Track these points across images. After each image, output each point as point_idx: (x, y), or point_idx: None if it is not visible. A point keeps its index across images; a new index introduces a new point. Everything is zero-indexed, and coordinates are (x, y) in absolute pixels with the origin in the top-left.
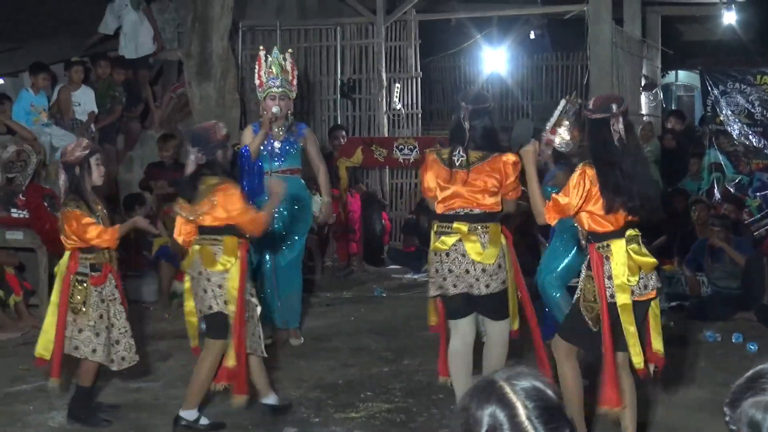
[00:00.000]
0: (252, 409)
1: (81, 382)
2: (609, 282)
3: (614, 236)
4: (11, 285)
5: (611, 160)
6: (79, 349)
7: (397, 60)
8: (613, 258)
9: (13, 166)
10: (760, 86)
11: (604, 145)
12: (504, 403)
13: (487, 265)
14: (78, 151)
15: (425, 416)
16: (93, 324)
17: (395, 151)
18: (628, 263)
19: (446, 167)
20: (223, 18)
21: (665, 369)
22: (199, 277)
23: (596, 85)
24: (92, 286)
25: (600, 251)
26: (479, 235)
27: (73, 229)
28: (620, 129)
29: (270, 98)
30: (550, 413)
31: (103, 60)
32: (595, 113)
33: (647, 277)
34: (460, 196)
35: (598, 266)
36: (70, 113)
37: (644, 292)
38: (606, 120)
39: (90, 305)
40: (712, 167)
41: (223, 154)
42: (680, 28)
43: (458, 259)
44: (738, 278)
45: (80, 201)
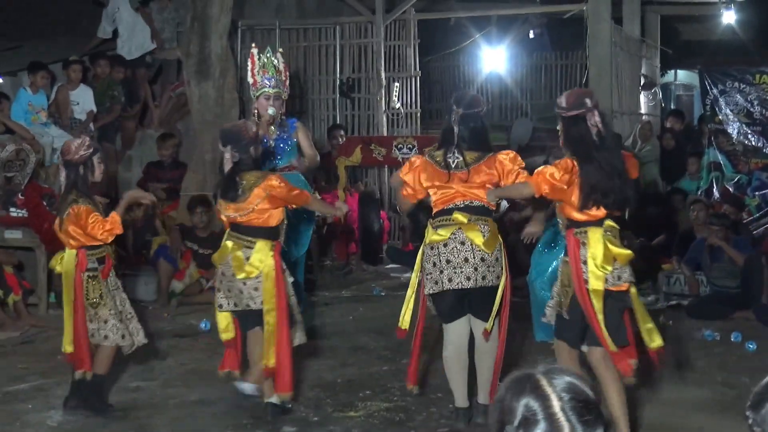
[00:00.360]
0: (251, 408)
1: (98, 370)
2: (585, 267)
3: (593, 224)
4: (10, 284)
5: (590, 155)
6: (109, 338)
7: (396, 59)
8: (589, 243)
9: (12, 165)
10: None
11: (581, 141)
12: (539, 395)
13: (486, 254)
14: (82, 150)
15: (424, 415)
16: (114, 312)
17: (394, 150)
18: (604, 251)
19: (442, 169)
20: (222, 17)
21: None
22: (234, 278)
23: (595, 84)
24: (102, 280)
25: (577, 236)
26: (480, 225)
27: (81, 225)
28: (597, 122)
29: (264, 98)
30: (584, 407)
31: (102, 59)
32: (569, 111)
33: (621, 269)
34: (459, 192)
35: (575, 250)
36: (69, 112)
37: (617, 283)
38: (581, 116)
39: (106, 296)
40: (711, 166)
41: (255, 151)
42: (679, 28)
43: (457, 248)
44: (737, 277)
45: (87, 198)
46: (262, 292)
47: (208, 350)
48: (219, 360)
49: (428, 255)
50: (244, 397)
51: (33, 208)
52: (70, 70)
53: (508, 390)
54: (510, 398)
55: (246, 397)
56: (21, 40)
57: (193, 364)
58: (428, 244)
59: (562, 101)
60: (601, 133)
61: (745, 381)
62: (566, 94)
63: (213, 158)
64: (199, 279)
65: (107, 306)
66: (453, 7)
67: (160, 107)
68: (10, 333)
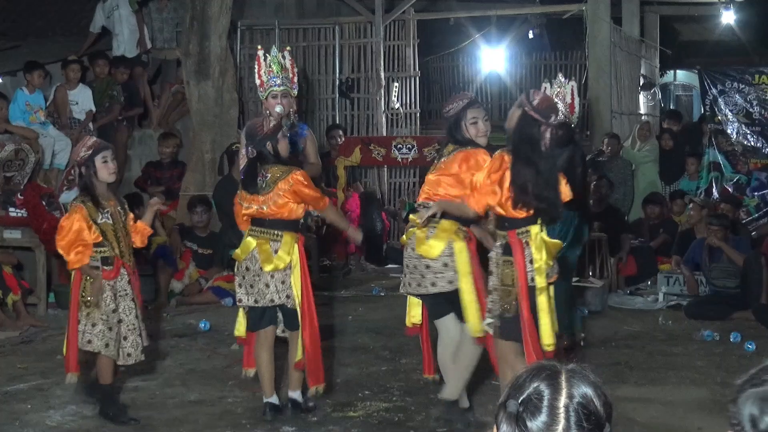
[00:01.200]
0: (251, 408)
1: (101, 380)
2: (530, 266)
3: (531, 222)
4: (9, 284)
5: (531, 158)
6: (93, 343)
7: (396, 59)
8: (532, 242)
9: (12, 165)
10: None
11: (529, 143)
12: (552, 384)
13: (430, 261)
14: (83, 152)
15: (423, 415)
16: (106, 318)
17: (393, 150)
18: (546, 247)
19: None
20: (222, 17)
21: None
22: (261, 272)
23: (594, 84)
24: (104, 280)
25: (520, 237)
26: (429, 227)
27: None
28: (547, 138)
29: (272, 97)
30: (588, 416)
31: (100, 59)
32: (534, 111)
33: (555, 263)
34: (423, 189)
35: (519, 251)
36: (68, 112)
37: (552, 275)
38: (540, 123)
39: (102, 299)
40: (711, 167)
41: (273, 145)
42: (678, 28)
43: (409, 253)
44: (736, 277)
45: (87, 198)
46: (288, 285)
47: (207, 350)
48: (218, 360)
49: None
50: (292, 406)
51: (32, 208)
52: (69, 70)
53: (529, 370)
54: (526, 377)
55: (295, 405)
56: (20, 39)
57: (192, 363)
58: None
59: (534, 98)
60: (546, 146)
61: None
62: (542, 95)
63: (212, 158)
64: (198, 279)
65: (100, 309)
66: (452, 7)
67: (159, 107)
68: (10, 333)
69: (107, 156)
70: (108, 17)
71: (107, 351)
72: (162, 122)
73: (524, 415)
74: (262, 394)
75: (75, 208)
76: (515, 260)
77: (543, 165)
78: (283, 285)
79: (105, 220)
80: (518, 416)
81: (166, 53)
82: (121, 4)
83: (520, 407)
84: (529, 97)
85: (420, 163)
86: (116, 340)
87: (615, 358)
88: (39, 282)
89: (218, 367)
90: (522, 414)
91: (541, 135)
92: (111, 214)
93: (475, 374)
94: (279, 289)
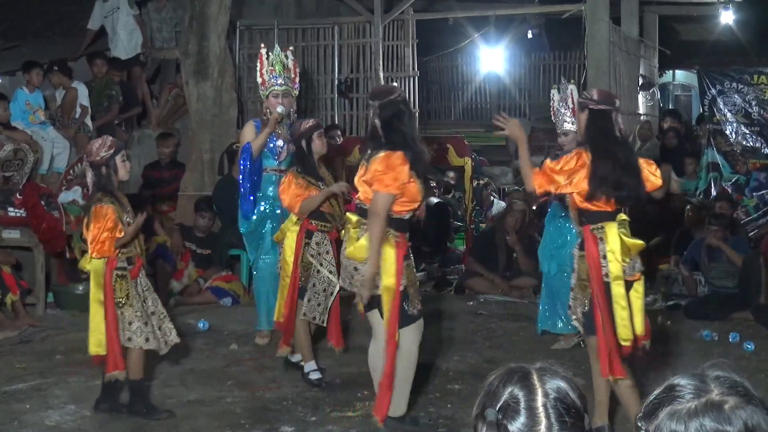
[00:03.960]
0: (250, 407)
1: (132, 376)
2: (604, 261)
3: (607, 218)
4: (8, 284)
5: (609, 150)
6: (133, 340)
7: (395, 59)
8: (607, 238)
9: (10, 164)
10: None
11: (605, 135)
12: (525, 386)
13: (357, 263)
14: (103, 151)
15: (422, 415)
16: (140, 314)
17: None
18: (621, 245)
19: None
20: (221, 17)
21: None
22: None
23: (594, 84)
24: (131, 279)
25: (594, 232)
26: (361, 229)
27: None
28: (620, 122)
29: (273, 96)
30: (566, 409)
31: (98, 58)
32: (599, 104)
33: (635, 260)
34: (360, 189)
35: (593, 246)
36: (74, 113)
37: (632, 273)
38: (609, 112)
39: (133, 297)
40: (710, 167)
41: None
42: (677, 28)
43: (343, 251)
44: (735, 277)
45: (110, 198)
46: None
47: (206, 350)
48: (217, 360)
49: None
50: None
51: (31, 208)
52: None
53: (499, 376)
54: (497, 383)
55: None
56: (19, 39)
57: (191, 363)
58: None
59: (593, 94)
60: (622, 132)
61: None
62: (596, 89)
63: (211, 158)
64: (197, 279)
65: (133, 307)
66: (451, 7)
67: (159, 107)
68: (8, 333)
69: (125, 155)
70: (106, 17)
71: (149, 345)
72: (161, 123)
73: (504, 422)
74: (262, 393)
75: (105, 209)
76: (588, 254)
77: (620, 152)
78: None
79: (128, 219)
80: (498, 424)
81: (165, 53)
82: (121, 5)
83: (498, 414)
84: (587, 96)
85: None
86: (153, 332)
87: None
88: (38, 282)
89: (217, 367)
90: (502, 421)
91: (614, 123)
92: (130, 212)
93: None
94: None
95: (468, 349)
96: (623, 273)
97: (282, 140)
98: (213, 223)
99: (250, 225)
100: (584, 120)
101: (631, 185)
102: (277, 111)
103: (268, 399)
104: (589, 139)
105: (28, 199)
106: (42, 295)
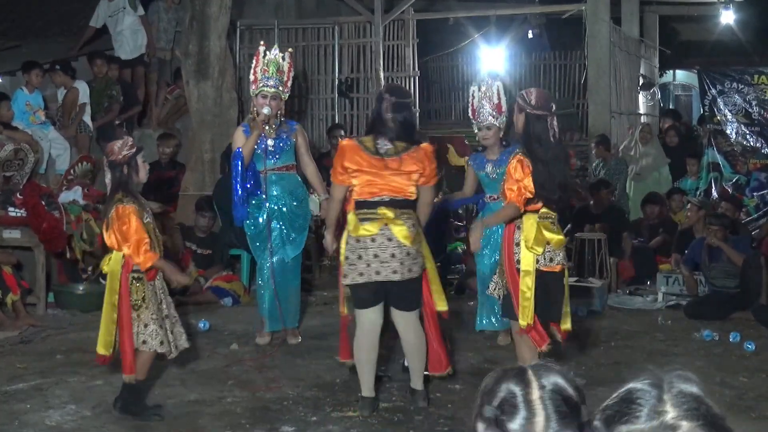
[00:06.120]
0: (250, 407)
1: (138, 375)
2: (517, 248)
3: (529, 212)
4: (9, 284)
5: (541, 156)
6: (147, 342)
7: (395, 59)
8: (523, 228)
9: (11, 164)
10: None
11: (539, 141)
12: (521, 381)
13: (412, 249)
14: (125, 150)
15: (422, 415)
16: (155, 317)
17: None
18: (537, 235)
19: (372, 155)
20: (221, 17)
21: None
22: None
23: (594, 84)
24: (147, 282)
25: (514, 221)
26: (404, 219)
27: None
28: (555, 126)
29: (261, 96)
30: (563, 400)
31: (99, 58)
32: (536, 109)
33: (554, 252)
34: (388, 183)
35: (510, 234)
36: (74, 113)
37: (549, 264)
38: (545, 117)
39: (149, 299)
40: (710, 167)
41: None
42: (678, 28)
43: (384, 243)
44: (735, 277)
45: (131, 198)
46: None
47: (207, 350)
48: (217, 360)
49: (353, 247)
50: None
51: (32, 208)
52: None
53: (495, 376)
54: (493, 382)
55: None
56: (19, 39)
57: (192, 363)
58: (354, 237)
59: (530, 98)
60: (556, 137)
61: (743, 381)
62: (535, 91)
63: (211, 158)
64: (198, 279)
65: (149, 310)
66: (452, 6)
67: (158, 107)
68: (9, 333)
69: (144, 156)
70: (111, 16)
71: (162, 348)
72: (162, 123)
73: (503, 417)
74: (263, 393)
75: (128, 210)
76: (505, 242)
77: (554, 158)
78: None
79: (148, 219)
80: (497, 420)
81: (166, 54)
82: (127, 6)
83: (497, 411)
84: (525, 98)
85: None
86: (166, 336)
87: (615, 358)
88: (38, 282)
89: (217, 367)
90: (501, 417)
91: (549, 127)
92: (150, 214)
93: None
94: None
95: (468, 349)
96: (537, 262)
97: (273, 140)
98: (213, 222)
99: (257, 225)
100: (521, 124)
101: (562, 191)
102: (263, 112)
103: (269, 399)
104: (525, 144)
105: (29, 199)
106: (42, 295)
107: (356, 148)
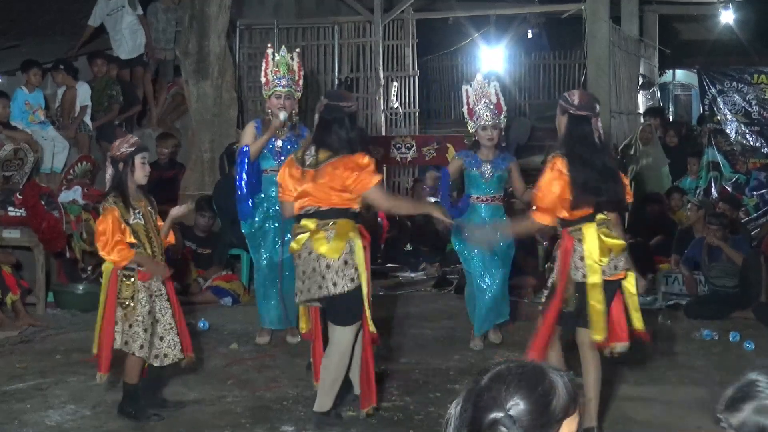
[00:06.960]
0: (250, 407)
1: (127, 380)
2: (581, 263)
3: (586, 221)
4: (8, 283)
5: (586, 157)
6: (129, 344)
7: (395, 58)
8: (585, 240)
9: (11, 164)
10: (757, 85)
11: (582, 142)
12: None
13: (331, 260)
14: (124, 147)
15: (422, 415)
16: (141, 319)
17: (392, 149)
18: (600, 245)
19: (298, 166)
20: (221, 16)
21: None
22: None
23: (593, 83)
24: (139, 282)
25: (572, 234)
26: (326, 230)
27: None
28: (599, 127)
29: (275, 97)
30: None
31: (99, 58)
32: (579, 110)
33: (617, 259)
34: (310, 194)
35: (568, 248)
36: (74, 113)
37: (614, 272)
38: (588, 118)
39: (138, 300)
40: (710, 166)
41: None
42: (678, 27)
43: (306, 257)
44: (735, 277)
45: (119, 198)
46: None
47: (206, 350)
48: (217, 359)
49: (295, 264)
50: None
51: (31, 208)
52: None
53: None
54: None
55: None
56: (19, 39)
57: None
58: (291, 253)
59: (573, 99)
60: (601, 138)
61: None
62: (578, 92)
63: (211, 157)
64: (197, 278)
65: (137, 310)
66: (451, 6)
67: (158, 107)
68: (9, 332)
69: (145, 157)
70: (109, 15)
71: (141, 352)
72: (161, 122)
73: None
74: (263, 392)
75: (108, 209)
76: (560, 254)
77: (598, 158)
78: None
79: (137, 220)
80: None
81: (166, 53)
82: (126, 5)
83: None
84: (567, 100)
85: (419, 162)
86: (150, 342)
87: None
88: (38, 281)
89: (217, 367)
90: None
91: (593, 129)
92: (142, 214)
93: None
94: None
95: (468, 348)
96: (602, 273)
97: (281, 141)
98: (213, 222)
99: (253, 225)
100: (563, 125)
101: (611, 190)
102: (279, 119)
103: (269, 398)
104: (567, 146)
105: (28, 199)
106: (42, 295)
107: (291, 161)
